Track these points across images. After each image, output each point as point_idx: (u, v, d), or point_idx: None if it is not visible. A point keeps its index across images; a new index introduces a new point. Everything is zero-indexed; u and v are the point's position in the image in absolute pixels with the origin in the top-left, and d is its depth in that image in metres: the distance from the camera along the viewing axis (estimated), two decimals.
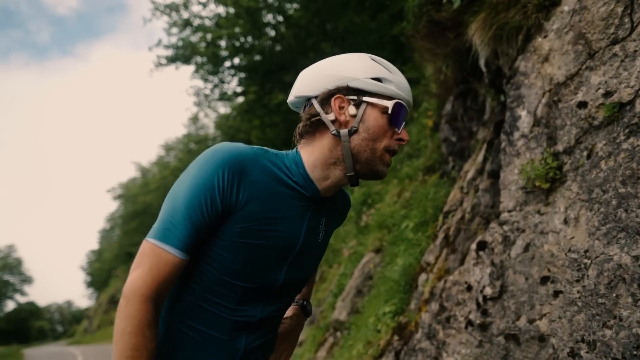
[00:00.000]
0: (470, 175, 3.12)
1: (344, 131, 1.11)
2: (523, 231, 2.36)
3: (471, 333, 2.48)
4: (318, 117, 1.13)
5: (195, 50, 8.50)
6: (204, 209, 1.02)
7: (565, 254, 2.10)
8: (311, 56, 8.78)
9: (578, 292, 2.01)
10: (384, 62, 1.18)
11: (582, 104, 2.18)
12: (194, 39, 8.83)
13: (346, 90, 1.12)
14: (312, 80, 1.16)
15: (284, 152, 1.20)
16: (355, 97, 1.12)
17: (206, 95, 9.80)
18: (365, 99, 1.12)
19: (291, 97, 1.23)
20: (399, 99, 1.15)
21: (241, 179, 1.05)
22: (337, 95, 1.12)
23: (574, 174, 2.18)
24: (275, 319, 1.26)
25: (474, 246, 2.56)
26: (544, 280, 2.19)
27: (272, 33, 8.94)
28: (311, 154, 1.15)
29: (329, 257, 6.15)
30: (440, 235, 3.03)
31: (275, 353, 1.34)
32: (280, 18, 8.65)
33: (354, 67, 1.14)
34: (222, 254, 1.09)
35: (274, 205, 1.11)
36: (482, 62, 2.83)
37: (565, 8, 2.37)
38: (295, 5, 8.75)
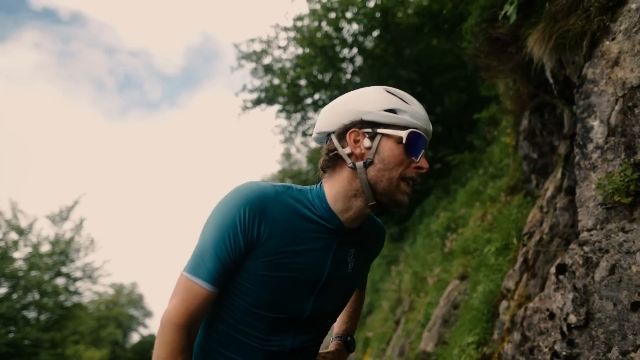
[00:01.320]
0: (549, 193, 2.92)
1: (359, 164, 1.16)
2: (607, 251, 2.14)
3: None
4: (336, 152, 1.19)
5: (277, 92, 9.02)
6: (227, 246, 1.12)
7: None
8: (390, 84, 8.86)
9: None
10: (399, 93, 1.21)
11: None
12: (276, 81, 9.38)
13: (361, 124, 1.17)
14: (330, 116, 1.23)
15: (308, 187, 1.27)
16: (369, 130, 1.16)
17: (290, 132, 10.28)
18: (379, 130, 1.16)
19: (314, 134, 1.30)
20: (415, 128, 1.16)
21: (262, 216, 1.13)
22: (353, 130, 1.17)
23: None
24: (308, 350, 1.29)
25: (553, 270, 2.37)
26: (635, 306, 1.95)
27: (350, 67, 9.19)
28: (332, 187, 1.21)
29: (417, 286, 5.98)
30: (520, 259, 2.83)
31: None
32: (355, 51, 8.88)
33: (368, 100, 1.18)
34: (249, 287, 1.17)
35: (297, 239, 1.17)
36: (548, 73, 2.68)
37: (633, 6, 2.19)
38: (369, 38, 8.95)
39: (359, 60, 9.22)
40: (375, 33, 8.79)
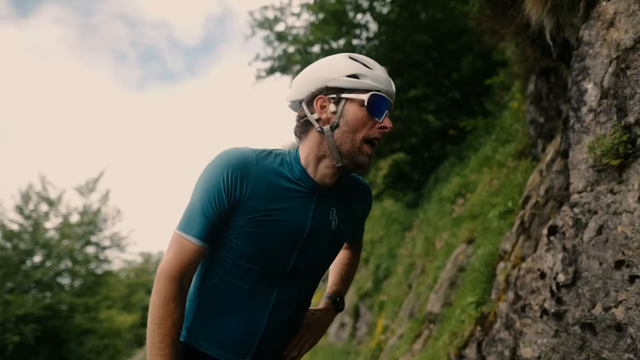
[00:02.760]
0: (549, 157, 2.94)
1: (326, 127, 1.26)
2: (595, 213, 2.19)
3: (546, 322, 2.36)
4: (306, 118, 1.30)
5: (291, 60, 8.99)
6: (213, 205, 1.25)
7: None
8: (405, 49, 8.72)
9: None
10: (361, 58, 1.29)
11: None
12: (291, 49, 9.33)
13: (326, 90, 1.26)
14: (299, 85, 1.33)
15: (287, 150, 1.38)
16: (334, 95, 1.26)
17: None
18: (343, 95, 1.25)
19: (288, 102, 1.41)
20: (377, 91, 1.25)
21: (244, 177, 1.25)
22: (319, 96, 1.27)
23: None
24: (296, 302, 1.41)
25: (545, 231, 2.43)
26: (619, 264, 2.02)
27: (364, 34, 9.06)
28: (304, 150, 1.32)
29: (428, 251, 6.09)
30: (517, 222, 2.88)
31: (296, 340, 1.49)
32: (369, 16, 8.73)
33: (331, 68, 1.28)
34: (235, 242, 1.30)
35: (277, 198, 1.29)
36: (547, 36, 2.66)
37: None
38: (383, 2, 8.76)
39: (373, 26, 9.07)
40: None
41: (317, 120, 1.27)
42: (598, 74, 2.25)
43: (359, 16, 8.91)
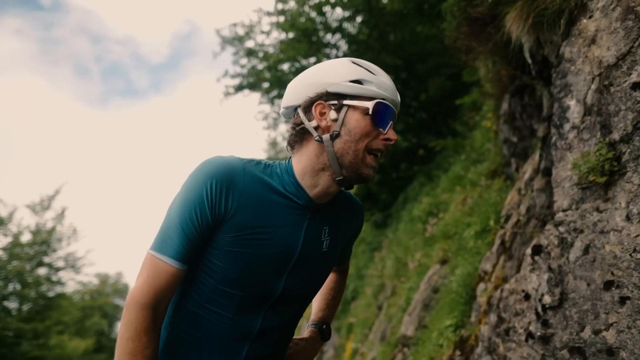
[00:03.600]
0: (527, 175, 2.91)
1: (326, 136, 1.12)
2: (581, 231, 2.13)
3: (532, 346, 2.27)
4: (302, 126, 1.15)
5: (260, 77, 8.89)
6: (194, 220, 1.08)
7: (630, 255, 1.85)
8: None
9: None
10: (365, 64, 1.17)
11: (638, 85, 1.95)
12: (260, 66, 9.24)
13: (326, 96, 1.13)
14: (296, 89, 1.19)
15: (277, 162, 1.22)
16: (335, 102, 1.13)
17: (274, 119, 10.18)
18: (345, 102, 1.12)
19: (281, 109, 1.26)
20: (382, 99, 1.13)
21: (229, 189, 1.09)
22: (318, 102, 1.13)
23: (634, 164, 1.94)
24: (279, 332, 1.25)
25: (529, 251, 2.36)
26: (608, 285, 1.95)
27: (334, 53, 9.09)
28: (300, 162, 1.17)
29: (399, 271, 6.00)
30: (497, 242, 2.82)
31: None
32: (338, 36, 8.78)
33: (333, 72, 1.15)
34: (217, 264, 1.13)
35: (266, 214, 1.13)
36: (526, 54, 2.65)
37: None
38: (353, 23, 8.85)
39: (343, 46, 9.12)
40: (360, 18, 8.69)
41: (316, 128, 1.13)
42: (581, 91, 2.23)
43: (329, 36, 8.95)
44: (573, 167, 2.19)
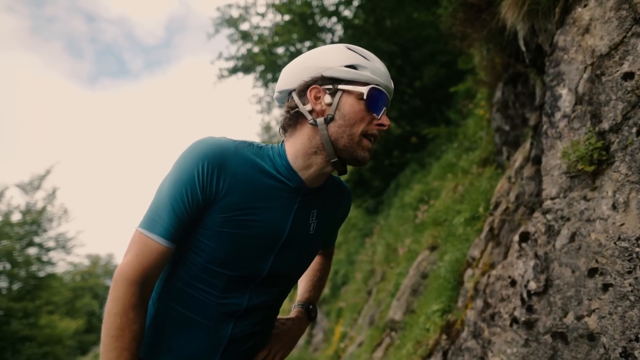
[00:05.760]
0: (517, 163, 2.93)
1: (320, 120, 1.13)
2: (568, 219, 2.16)
3: (516, 331, 2.31)
4: (297, 109, 1.16)
5: (254, 60, 8.80)
6: (185, 200, 1.08)
7: (615, 243, 1.89)
8: None
9: (630, 284, 1.80)
10: (359, 50, 1.18)
11: (629, 75, 1.96)
12: (255, 49, 9.14)
13: (321, 80, 1.14)
14: (291, 73, 1.20)
15: (269, 145, 1.23)
16: (330, 86, 1.14)
17: (268, 103, 10.12)
18: (340, 87, 1.13)
19: (275, 93, 1.27)
20: (376, 85, 1.14)
21: (221, 170, 1.09)
22: (313, 86, 1.14)
23: (622, 154, 1.96)
24: (265, 310, 1.27)
25: (516, 238, 2.39)
26: (592, 272, 1.98)
27: (329, 37, 9.01)
28: (293, 145, 1.18)
29: (389, 257, 6.05)
30: (485, 228, 2.85)
31: (266, 351, 1.34)
32: (334, 20, 8.69)
33: (328, 57, 1.15)
34: (206, 243, 1.14)
35: (257, 196, 1.14)
36: (520, 42, 2.64)
37: None
38: (350, 7, 8.75)
39: (339, 31, 9.04)
40: (356, 2, 8.60)
41: (310, 112, 1.14)
42: (573, 80, 2.24)
43: (325, 20, 8.87)
44: (562, 155, 2.20)
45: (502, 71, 3.56)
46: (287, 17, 8.47)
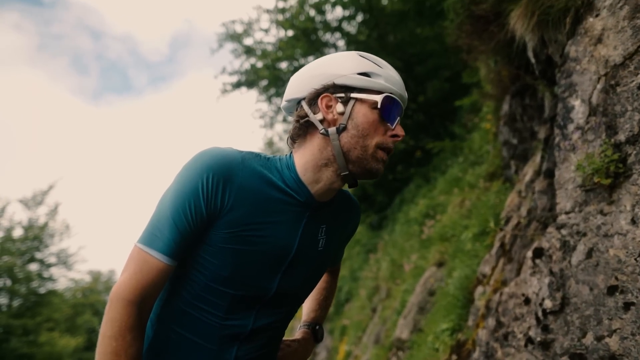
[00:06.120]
0: (528, 177, 2.85)
1: (332, 129, 1.07)
2: (584, 235, 2.08)
3: (532, 352, 2.21)
4: (307, 118, 1.10)
5: (258, 75, 8.82)
6: (188, 214, 1.01)
7: (635, 259, 1.80)
8: None
9: None
10: (372, 57, 1.13)
11: None
12: (259, 64, 9.17)
13: (333, 88, 1.08)
14: (300, 81, 1.14)
15: (277, 156, 1.17)
16: (342, 95, 1.08)
17: (271, 118, 10.12)
18: (353, 95, 1.07)
19: (283, 102, 1.21)
20: (390, 93, 1.08)
21: (227, 183, 1.03)
22: (325, 94, 1.08)
23: None
24: (270, 332, 1.19)
25: (529, 254, 2.30)
26: (612, 290, 1.89)
27: (332, 52, 9.05)
28: (302, 156, 1.11)
29: (394, 273, 5.93)
30: (496, 244, 2.76)
31: None
32: (338, 35, 8.73)
33: (340, 64, 1.10)
34: (210, 260, 1.07)
35: (264, 210, 1.07)
36: (530, 53, 2.59)
37: None
38: (353, 23, 8.80)
39: (342, 46, 9.07)
40: (360, 18, 8.64)
41: (321, 121, 1.08)
42: (586, 91, 2.18)
43: (328, 35, 8.91)
44: (577, 168, 2.13)
45: (510, 84, 3.51)
46: (290, 33, 8.51)
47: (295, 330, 1.50)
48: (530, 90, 3.37)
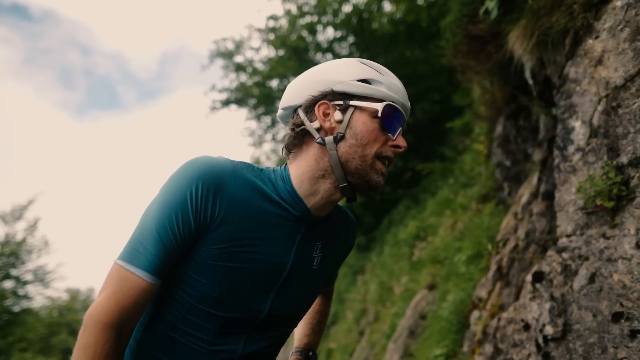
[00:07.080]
0: (524, 199, 2.81)
1: (329, 138, 0.99)
2: (586, 259, 2.02)
3: None
4: (303, 127, 1.02)
5: (247, 92, 8.79)
6: (175, 228, 0.92)
7: None
8: None
9: None
10: (373, 64, 1.06)
11: None
12: (249, 82, 9.15)
13: (331, 95, 1.01)
14: (297, 88, 1.06)
15: (271, 167, 1.08)
16: (341, 102, 1.01)
17: (260, 136, 10.06)
18: (352, 102, 1.00)
19: (279, 111, 1.13)
20: (392, 101, 1.01)
21: (217, 193, 0.94)
22: (322, 101, 1.01)
23: None
24: (261, 358, 1.09)
25: (529, 278, 2.24)
26: (617, 317, 1.83)
27: None
28: (298, 167, 1.03)
29: (383, 296, 5.82)
30: (493, 267, 2.69)
31: None
32: (329, 56, 8.77)
33: (339, 70, 1.03)
34: (197, 279, 0.96)
35: (256, 225, 0.98)
36: (527, 74, 2.58)
37: (618, 3, 2.10)
38: (343, 44, 8.87)
39: None
40: (351, 39, 8.72)
41: (318, 130, 1.01)
42: (586, 112, 2.15)
43: (319, 55, 8.95)
44: (578, 190, 2.09)
45: (504, 105, 3.51)
46: (281, 52, 8.53)
47: (288, 355, 1.40)
48: (525, 111, 3.37)
